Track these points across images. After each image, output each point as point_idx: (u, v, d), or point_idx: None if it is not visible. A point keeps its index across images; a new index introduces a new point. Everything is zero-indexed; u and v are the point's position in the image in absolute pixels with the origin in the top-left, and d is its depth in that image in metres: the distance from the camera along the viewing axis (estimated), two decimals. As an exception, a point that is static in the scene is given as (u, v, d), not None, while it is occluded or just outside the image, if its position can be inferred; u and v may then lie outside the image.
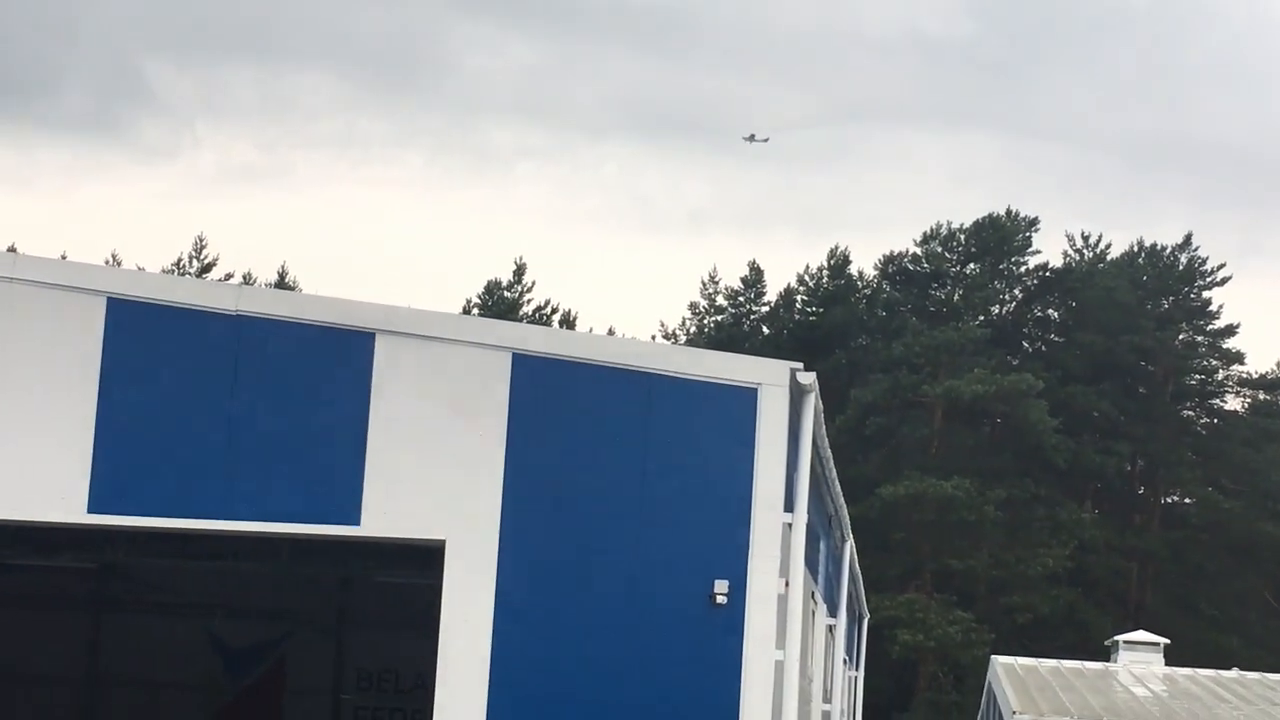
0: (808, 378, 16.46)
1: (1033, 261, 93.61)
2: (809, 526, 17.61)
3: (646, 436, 16.42)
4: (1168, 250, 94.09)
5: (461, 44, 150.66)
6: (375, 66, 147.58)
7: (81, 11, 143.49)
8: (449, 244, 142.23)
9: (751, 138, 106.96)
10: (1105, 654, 54.07)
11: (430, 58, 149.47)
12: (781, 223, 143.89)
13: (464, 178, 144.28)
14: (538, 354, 16.64)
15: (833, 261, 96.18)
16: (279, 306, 17.10)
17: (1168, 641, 51.37)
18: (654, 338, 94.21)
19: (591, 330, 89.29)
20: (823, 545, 23.54)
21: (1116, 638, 52.64)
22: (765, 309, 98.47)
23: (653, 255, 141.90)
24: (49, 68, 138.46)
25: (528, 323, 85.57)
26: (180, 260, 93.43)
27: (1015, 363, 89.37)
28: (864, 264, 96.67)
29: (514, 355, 16.56)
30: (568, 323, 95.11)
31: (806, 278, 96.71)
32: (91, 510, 16.51)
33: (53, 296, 16.86)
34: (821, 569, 23.69)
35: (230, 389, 16.52)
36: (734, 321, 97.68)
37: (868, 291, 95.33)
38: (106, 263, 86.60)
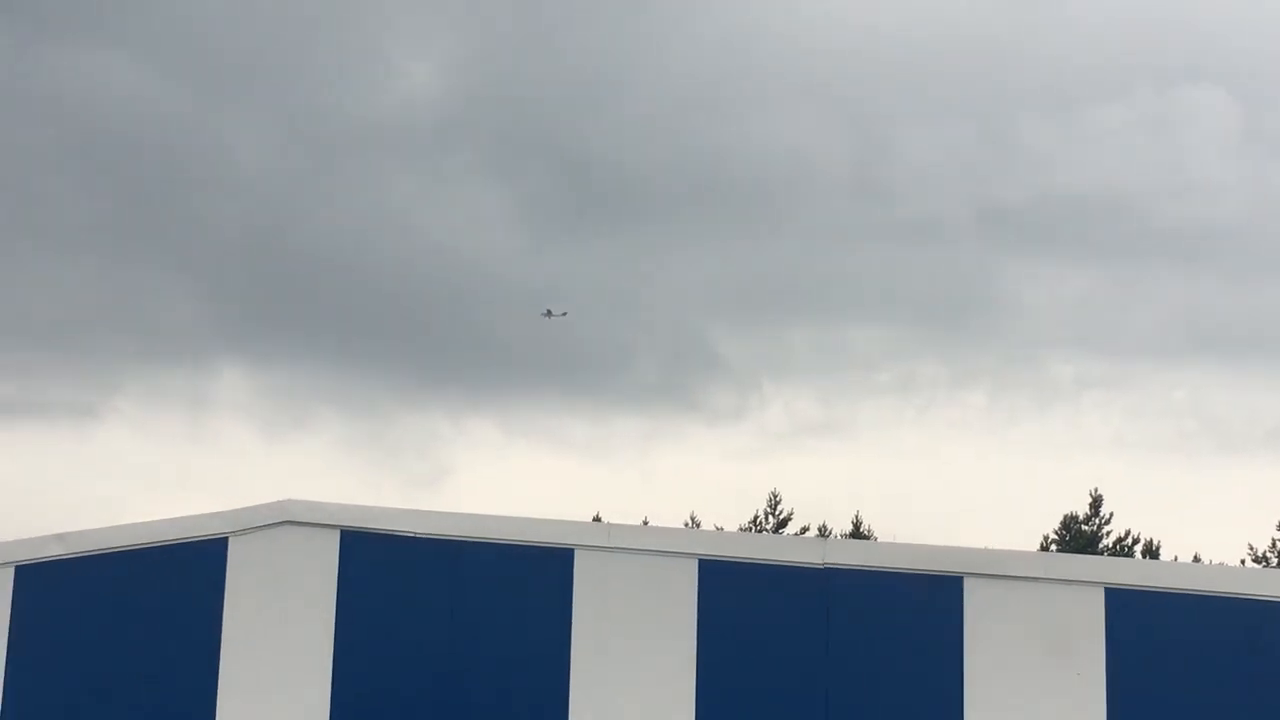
0: None
1: None
2: None
3: (1254, 667, 15.74)
4: None
5: (1014, 280, 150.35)
6: (929, 311, 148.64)
7: (646, 288, 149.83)
8: (1018, 482, 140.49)
9: (549, 313, 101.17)
10: None
11: (983, 296, 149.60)
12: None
13: (1027, 414, 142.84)
14: (1130, 587, 16.23)
15: None
16: (865, 557, 17.21)
17: None
18: (1243, 562, 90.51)
19: (1176, 559, 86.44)
20: None
21: None
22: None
23: (1232, 477, 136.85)
24: (621, 344, 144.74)
25: (1108, 555, 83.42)
26: (756, 517, 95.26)
27: None
28: None
29: (1106, 590, 16.19)
30: (1150, 552, 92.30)
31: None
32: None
33: (645, 562, 17.38)
34: None
35: (823, 643, 16.63)
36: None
37: None
38: (685, 524, 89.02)
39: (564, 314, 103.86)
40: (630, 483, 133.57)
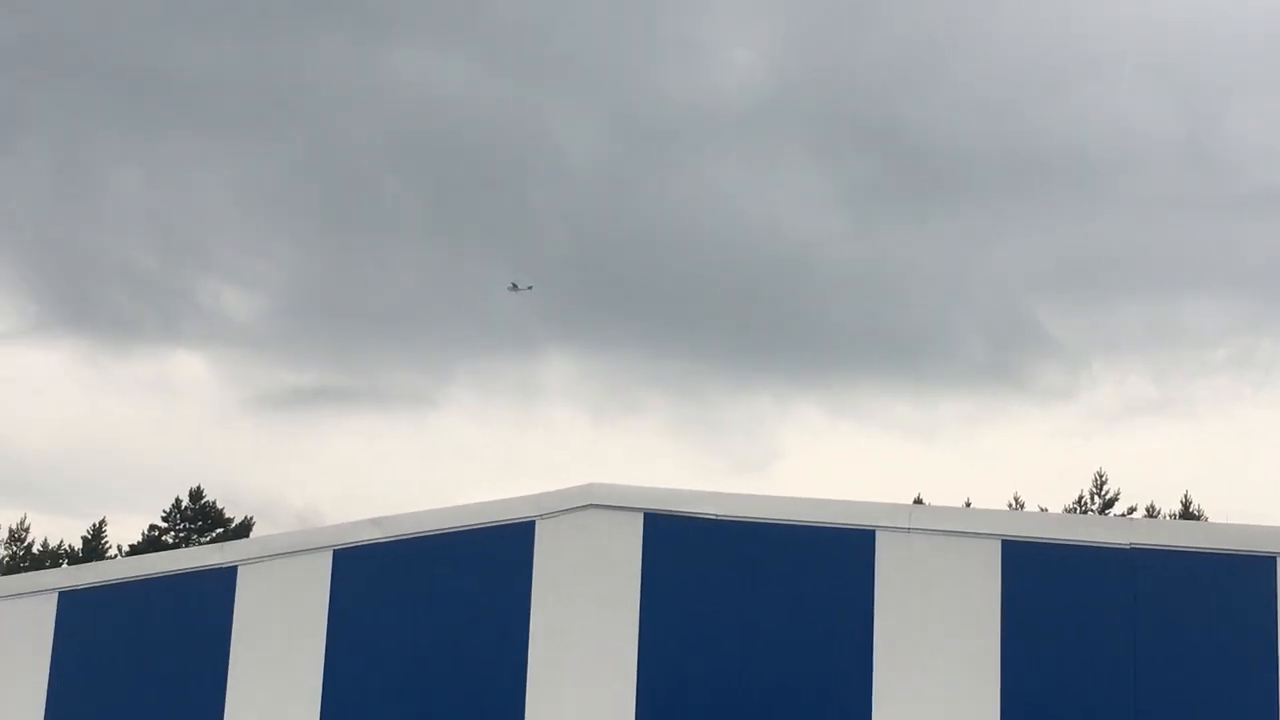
0: None
1: None
2: None
3: None
4: None
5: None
6: (1265, 284, 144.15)
7: (971, 266, 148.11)
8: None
9: (514, 286, 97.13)
10: None
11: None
12: None
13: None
14: None
15: None
16: (1173, 537, 16.82)
17: None
18: None
19: None
20: None
21: None
22: None
23: None
24: (946, 324, 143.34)
25: None
26: (1081, 497, 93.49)
27: None
28: None
29: None
30: None
31: None
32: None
33: (948, 543, 17.25)
34: None
35: (1130, 625, 16.31)
36: None
37: None
38: (1009, 506, 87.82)
39: (529, 288, 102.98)
40: (953, 464, 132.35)
